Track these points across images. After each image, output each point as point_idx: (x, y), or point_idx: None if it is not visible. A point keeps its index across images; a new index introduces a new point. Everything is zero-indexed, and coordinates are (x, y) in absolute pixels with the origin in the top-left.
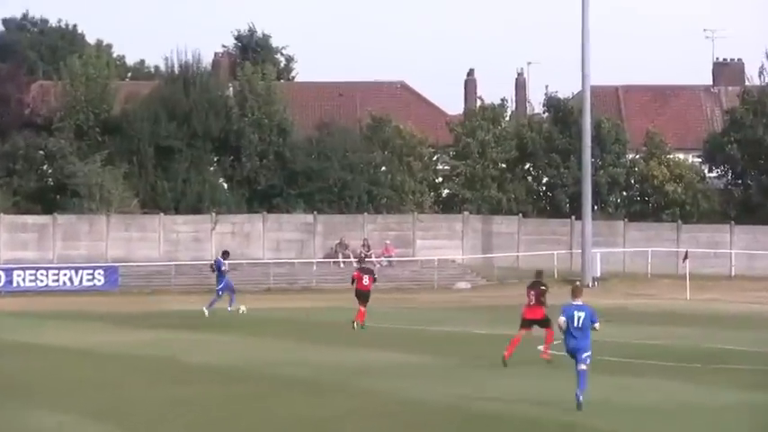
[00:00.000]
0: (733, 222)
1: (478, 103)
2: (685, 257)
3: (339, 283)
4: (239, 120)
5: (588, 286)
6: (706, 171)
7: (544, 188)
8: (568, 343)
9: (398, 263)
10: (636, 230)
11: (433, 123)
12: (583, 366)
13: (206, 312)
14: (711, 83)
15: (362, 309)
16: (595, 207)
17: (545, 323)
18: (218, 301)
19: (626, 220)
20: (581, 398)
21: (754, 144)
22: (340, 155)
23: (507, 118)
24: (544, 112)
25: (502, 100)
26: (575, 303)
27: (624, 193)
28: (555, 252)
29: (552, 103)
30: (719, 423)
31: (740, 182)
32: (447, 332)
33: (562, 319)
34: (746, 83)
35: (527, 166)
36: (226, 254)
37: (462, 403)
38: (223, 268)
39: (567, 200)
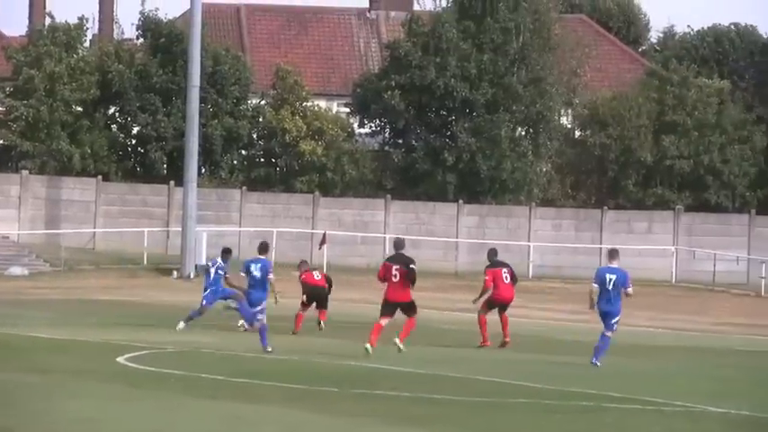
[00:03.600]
0: (390, 196)
1: (47, 21)
2: (322, 242)
3: None
4: None
5: (189, 277)
6: (356, 126)
7: (134, 142)
8: (600, 306)
9: None
10: (257, 203)
11: None
12: (609, 333)
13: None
14: (368, 5)
15: None
16: (203, 170)
17: (410, 309)
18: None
19: (244, 188)
20: (597, 362)
21: (422, 91)
22: None
23: (87, 44)
24: (138, 38)
25: (80, 18)
26: (610, 266)
27: (244, 152)
28: (146, 229)
29: (149, 26)
30: None
31: (402, 142)
32: None
33: (594, 286)
34: (416, 6)
35: (112, 110)
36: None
37: None
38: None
39: (166, 159)
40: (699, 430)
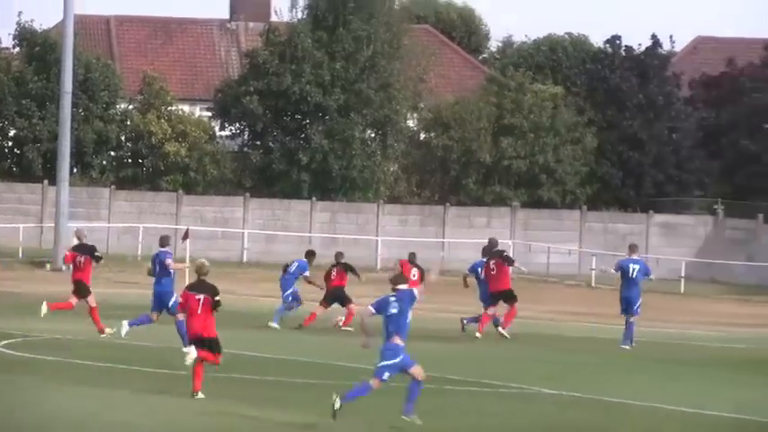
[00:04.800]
0: (248, 194)
1: None
2: (185, 236)
3: None
4: None
5: (62, 269)
6: (218, 129)
7: (11, 143)
8: (623, 293)
9: None
10: (125, 201)
11: None
12: (632, 319)
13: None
14: (229, 17)
15: None
16: (75, 170)
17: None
18: None
19: (113, 187)
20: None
21: (279, 96)
22: None
23: None
24: (15, 47)
25: None
26: (631, 257)
27: (113, 154)
28: (21, 225)
29: (25, 36)
30: None
31: (260, 143)
32: None
33: (613, 271)
34: (274, 18)
35: None
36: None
37: None
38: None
39: (41, 159)
40: (533, 410)
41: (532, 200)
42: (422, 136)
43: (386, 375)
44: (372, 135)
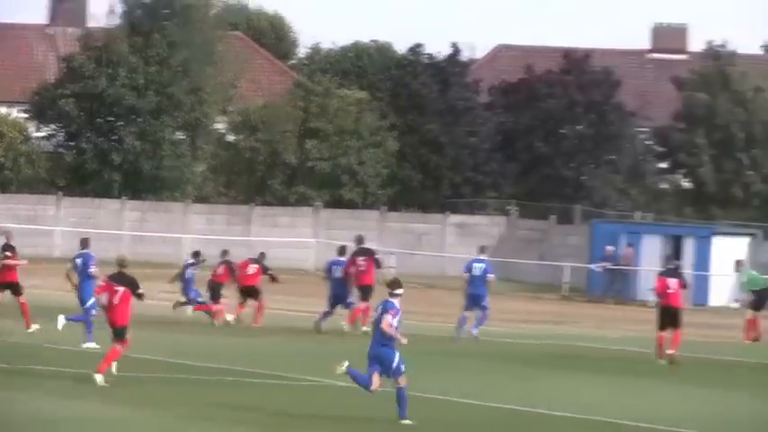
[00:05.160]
0: (61, 193)
1: None
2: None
3: None
4: None
5: None
6: (34, 130)
7: None
8: (469, 290)
9: None
10: None
11: None
12: (485, 312)
13: None
14: (47, 22)
15: None
16: None
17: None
18: None
19: None
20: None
21: (94, 99)
22: None
23: None
24: None
25: None
26: (478, 258)
27: None
28: None
29: None
30: None
31: (74, 144)
32: None
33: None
34: (91, 23)
35: None
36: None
37: None
38: None
39: None
40: (319, 400)
41: (335, 200)
42: (230, 138)
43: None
44: (183, 137)
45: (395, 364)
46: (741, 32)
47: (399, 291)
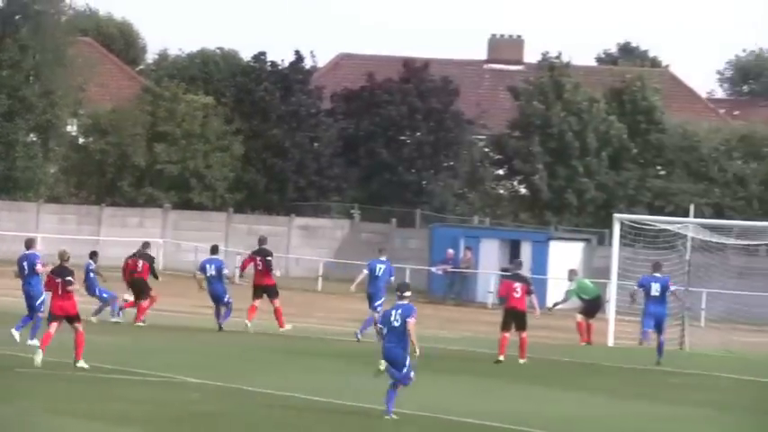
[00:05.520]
0: None
1: None
2: None
3: None
4: None
5: None
6: None
7: None
8: (369, 289)
9: None
10: None
11: None
12: (375, 314)
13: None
14: None
15: None
16: None
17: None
18: None
19: None
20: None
21: None
22: None
23: None
24: None
25: None
26: (379, 259)
27: None
28: None
29: None
30: None
31: None
32: None
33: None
34: None
35: None
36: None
37: None
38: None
39: None
40: (179, 398)
41: (183, 202)
42: (81, 140)
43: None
44: (35, 139)
45: (405, 370)
46: (575, 44)
47: (408, 293)
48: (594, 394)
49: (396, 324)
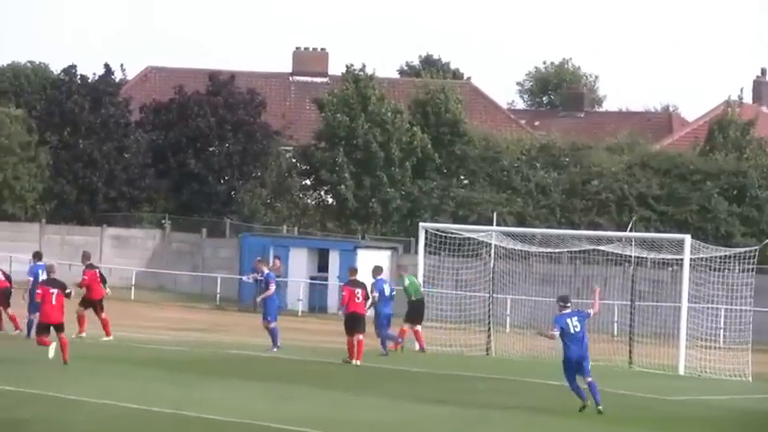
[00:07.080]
0: None
1: None
2: None
3: None
4: None
5: None
6: None
7: None
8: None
9: None
10: None
11: None
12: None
13: None
14: None
15: None
16: None
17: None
18: None
19: None
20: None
21: None
22: None
23: None
24: None
25: None
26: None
27: None
28: None
29: None
30: None
31: None
32: None
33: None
34: None
35: None
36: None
37: None
38: None
39: None
40: None
41: None
42: None
43: None
44: None
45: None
46: (378, 57)
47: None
48: (397, 399)
49: (576, 330)
